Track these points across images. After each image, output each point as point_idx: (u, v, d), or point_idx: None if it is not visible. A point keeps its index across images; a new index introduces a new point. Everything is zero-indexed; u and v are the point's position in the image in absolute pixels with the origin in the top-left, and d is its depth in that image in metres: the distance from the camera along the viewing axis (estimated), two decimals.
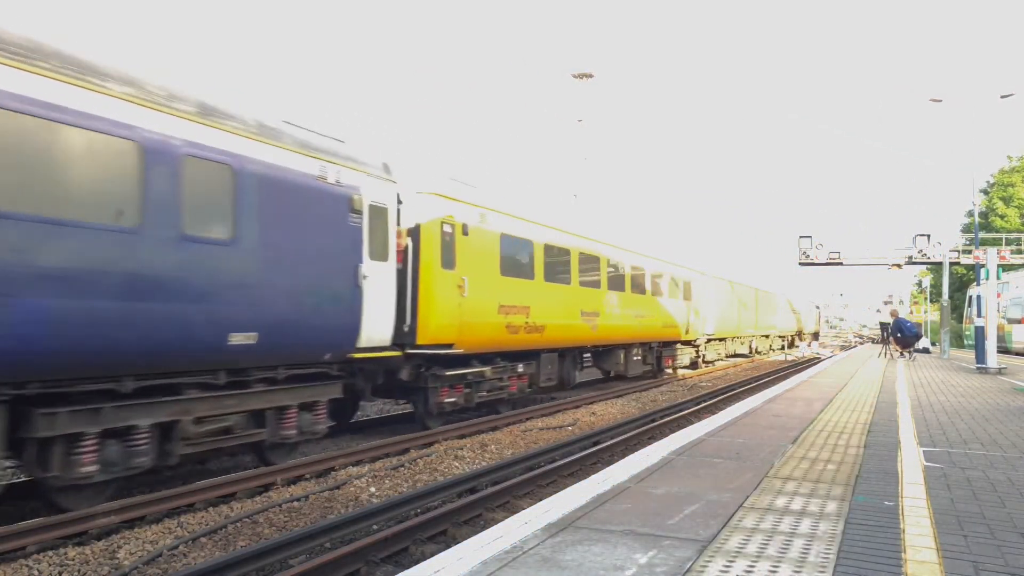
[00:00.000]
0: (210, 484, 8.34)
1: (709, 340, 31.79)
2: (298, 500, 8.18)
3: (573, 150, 47.27)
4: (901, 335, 26.84)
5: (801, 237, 41.88)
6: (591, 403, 17.62)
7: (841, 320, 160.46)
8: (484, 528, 6.03)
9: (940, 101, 30.39)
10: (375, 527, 7.26)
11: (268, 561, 6.14)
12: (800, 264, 42.37)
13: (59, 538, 6.64)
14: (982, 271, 24.02)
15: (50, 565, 6.06)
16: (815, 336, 65.54)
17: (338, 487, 8.77)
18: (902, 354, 27.08)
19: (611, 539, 4.27)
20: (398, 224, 11.75)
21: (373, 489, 8.81)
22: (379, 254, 11.11)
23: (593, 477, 6.15)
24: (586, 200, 47.27)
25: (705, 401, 18.59)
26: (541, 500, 6.32)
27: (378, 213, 11.14)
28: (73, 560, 6.19)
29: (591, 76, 46.18)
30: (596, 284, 19.07)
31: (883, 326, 32.42)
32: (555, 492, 7.20)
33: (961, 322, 42.29)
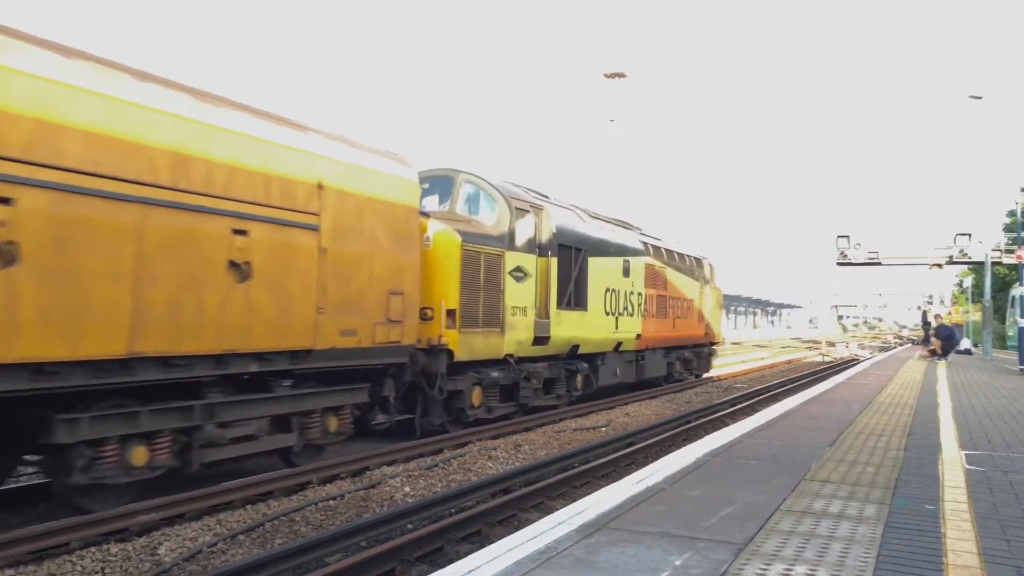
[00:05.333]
0: (247, 483, 8.44)
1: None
2: (334, 499, 8.26)
3: (606, 148, 47.01)
4: (948, 341, 26.59)
5: (839, 236, 41.29)
6: (625, 404, 17.54)
7: (879, 320, 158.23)
8: (518, 528, 6.04)
9: (980, 98, 29.83)
10: (410, 526, 7.30)
11: (305, 559, 6.20)
12: (838, 264, 41.79)
13: (101, 535, 6.77)
14: None
15: (93, 561, 6.18)
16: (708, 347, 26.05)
17: (373, 487, 8.84)
18: (935, 355, 26.68)
19: (646, 540, 4.25)
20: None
21: (407, 489, 8.86)
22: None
23: (627, 478, 6.13)
24: (618, 197, 46.96)
25: (740, 403, 18.41)
26: (575, 501, 6.32)
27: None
28: (115, 556, 6.30)
29: (623, 76, 46.03)
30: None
31: (927, 326, 32.06)
32: (589, 493, 7.19)
33: (1004, 323, 41.42)
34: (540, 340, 14.27)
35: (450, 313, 12.01)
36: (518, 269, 13.63)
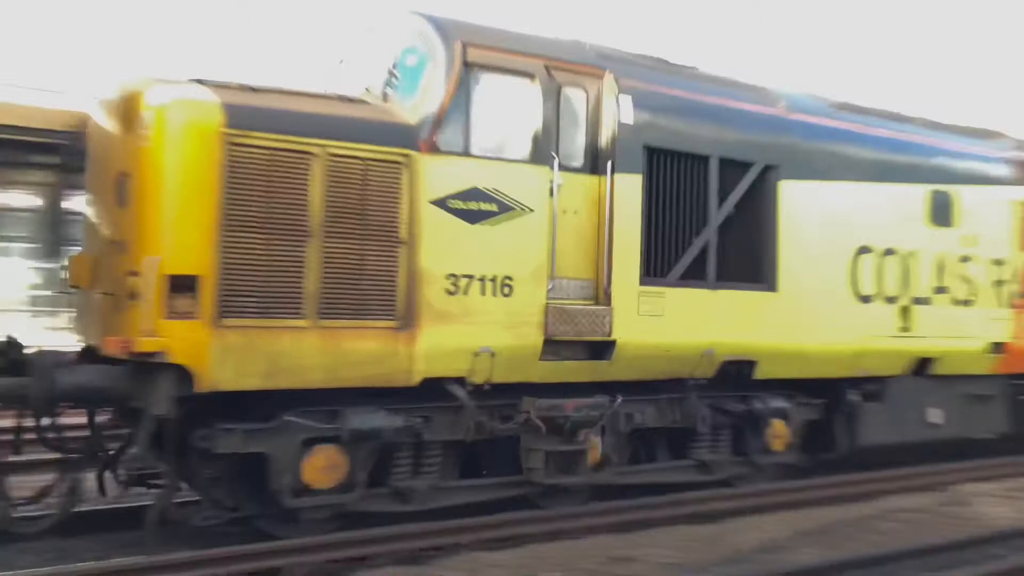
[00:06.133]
0: (817, 483, 8.51)
1: None
2: (912, 511, 7.86)
3: None
4: None
5: None
6: None
7: None
8: None
9: None
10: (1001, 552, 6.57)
11: (876, 570, 6.02)
12: None
13: (679, 516, 7.35)
14: None
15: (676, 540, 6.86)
16: None
17: (957, 503, 8.18)
18: None
19: None
20: None
21: (1004, 510, 8.01)
22: None
23: None
24: None
25: None
26: None
27: None
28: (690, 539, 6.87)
29: None
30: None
31: None
32: None
33: None
34: (589, 350, 7.28)
35: (181, 284, 5.50)
36: (477, 194, 6.59)
